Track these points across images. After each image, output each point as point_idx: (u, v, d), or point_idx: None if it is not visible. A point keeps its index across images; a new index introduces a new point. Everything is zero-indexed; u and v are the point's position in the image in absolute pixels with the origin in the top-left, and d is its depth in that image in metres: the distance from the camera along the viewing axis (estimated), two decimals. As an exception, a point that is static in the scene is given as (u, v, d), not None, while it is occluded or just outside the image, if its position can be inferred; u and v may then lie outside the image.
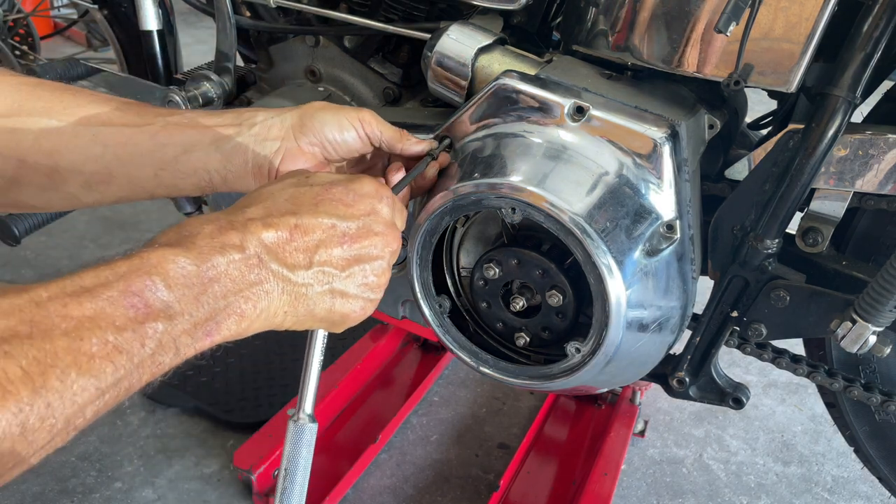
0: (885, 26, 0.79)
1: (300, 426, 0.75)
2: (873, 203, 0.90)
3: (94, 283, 0.47)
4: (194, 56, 1.86)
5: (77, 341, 0.43)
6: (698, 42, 0.85)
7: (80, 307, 0.45)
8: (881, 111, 0.96)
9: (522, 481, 1.51)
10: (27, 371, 0.40)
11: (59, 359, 0.42)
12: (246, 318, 0.55)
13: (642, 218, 0.85)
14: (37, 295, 0.44)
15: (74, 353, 0.43)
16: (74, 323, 0.44)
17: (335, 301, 0.62)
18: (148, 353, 0.47)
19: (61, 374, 0.42)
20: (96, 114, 0.78)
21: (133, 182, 0.78)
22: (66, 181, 0.77)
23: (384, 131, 0.81)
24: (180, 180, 0.78)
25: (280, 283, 0.57)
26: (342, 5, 1.13)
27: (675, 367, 1.04)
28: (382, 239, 0.66)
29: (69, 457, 1.56)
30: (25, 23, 2.67)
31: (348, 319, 0.65)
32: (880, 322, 0.84)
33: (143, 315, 0.47)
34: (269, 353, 1.89)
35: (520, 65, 0.94)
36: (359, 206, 0.65)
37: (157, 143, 0.77)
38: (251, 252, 0.55)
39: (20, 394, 0.40)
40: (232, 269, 0.54)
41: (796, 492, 1.61)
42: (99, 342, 0.44)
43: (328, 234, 0.61)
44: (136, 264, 0.49)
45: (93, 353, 0.44)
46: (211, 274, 0.52)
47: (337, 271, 0.62)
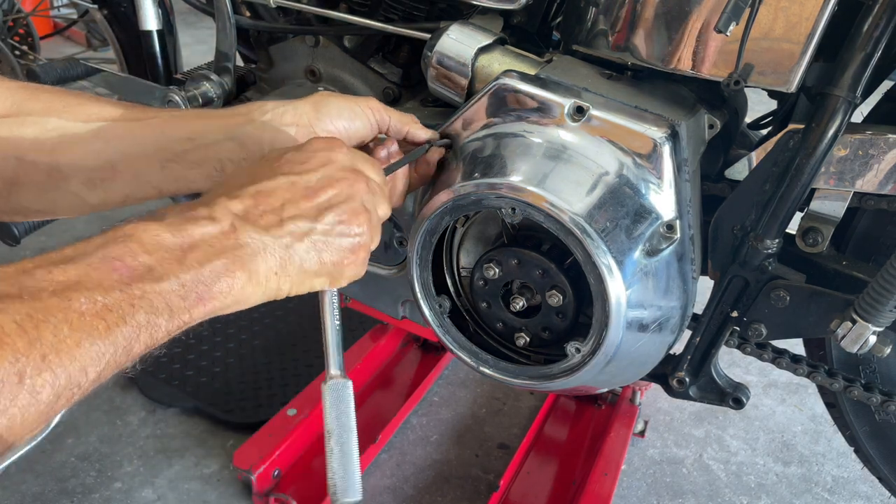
0: (885, 26, 0.79)
1: (335, 383, 0.75)
2: (873, 203, 0.90)
3: (75, 253, 0.49)
4: (194, 56, 1.86)
5: (66, 301, 0.45)
6: (698, 42, 0.85)
7: (64, 273, 0.47)
8: (881, 111, 0.96)
9: (522, 481, 1.51)
10: (21, 325, 0.43)
11: (51, 314, 0.44)
12: (236, 282, 0.56)
13: (642, 218, 0.85)
14: (22, 265, 0.47)
15: (65, 310, 0.45)
16: (61, 286, 0.46)
17: (321, 252, 0.63)
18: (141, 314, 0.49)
19: (54, 329, 0.44)
20: (97, 111, 0.77)
21: (139, 176, 0.77)
22: (68, 179, 0.76)
23: (392, 116, 0.83)
24: (189, 171, 0.77)
25: (260, 245, 0.59)
26: (342, 5, 1.13)
27: (675, 367, 1.04)
28: (346, 182, 0.66)
29: (69, 457, 1.56)
30: (25, 23, 2.67)
31: (343, 268, 0.66)
32: (880, 322, 0.84)
33: (128, 277, 0.49)
34: (269, 353, 1.89)
35: (520, 65, 0.94)
36: (314, 160, 0.66)
37: (163, 135, 0.76)
38: (224, 222, 0.57)
39: (16, 344, 0.42)
40: (207, 237, 0.56)
41: (796, 492, 1.61)
42: (87, 301, 0.46)
43: (291, 192, 0.63)
44: (111, 235, 0.52)
45: (83, 311, 0.46)
46: (187, 241, 0.54)
47: (311, 223, 0.62)
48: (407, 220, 1.07)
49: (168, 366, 1.81)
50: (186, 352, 1.87)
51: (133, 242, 0.52)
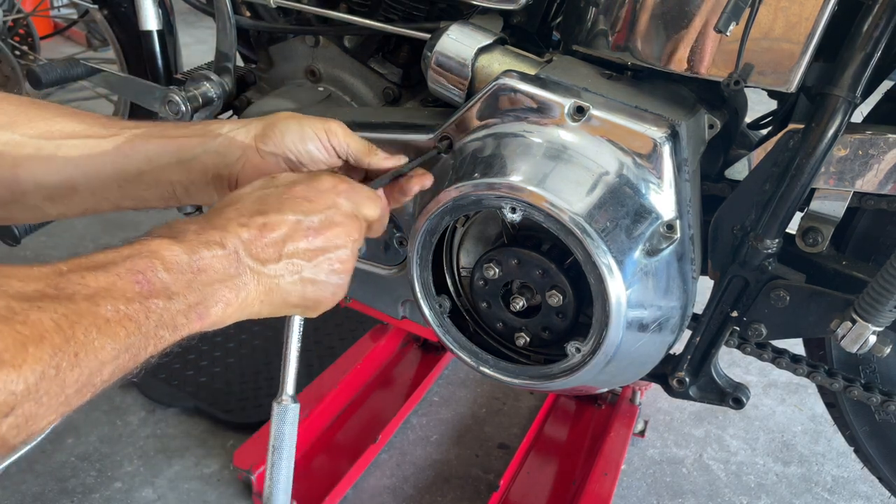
0: (885, 26, 0.79)
1: (284, 407, 0.82)
2: (873, 203, 0.90)
3: (105, 262, 0.54)
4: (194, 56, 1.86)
5: (95, 306, 0.50)
6: (698, 42, 0.85)
7: (95, 279, 0.52)
8: (881, 111, 0.96)
9: (522, 481, 1.51)
10: (58, 323, 0.47)
11: (83, 317, 0.49)
12: (230, 305, 0.61)
13: (642, 218, 0.85)
14: (58, 268, 0.52)
15: (94, 315, 0.50)
16: (92, 291, 0.51)
17: (306, 288, 0.68)
18: (152, 326, 0.54)
19: (85, 330, 0.48)
20: (60, 127, 0.79)
21: (97, 194, 0.80)
22: (28, 194, 0.78)
23: (351, 144, 0.81)
24: (144, 192, 0.80)
25: (255, 275, 0.64)
26: (342, 5, 1.13)
27: (675, 367, 1.04)
28: (343, 229, 0.70)
29: (69, 457, 1.56)
30: (25, 23, 2.67)
31: (321, 304, 0.71)
32: (880, 322, 0.84)
33: (147, 291, 0.54)
34: (269, 353, 1.89)
35: (520, 65, 0.94)
36: (319, 202, 0.70)
37: (121, 155, 0.78)
38: (230, 249, 0.62)
39: (55, 340, 0.46)
40: (215, 262, 0.61)
41: (796, 492, 1.61)
42: (112, 309, 0.51)
43: (293, 229, 0.67)
44: (137, 249, 0.57)
45: (108, 317, 0.51)
46: (199, 264, 0.59)
47: (304, 262, 0.67)
48: (407, 220, 1.07)
49: (168, 366, 1.81)
50: (186, 352, 1.87)
51: (156, 259, 0.56)
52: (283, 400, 0.83)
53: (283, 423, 0.83)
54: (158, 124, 0.83)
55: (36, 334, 0.45)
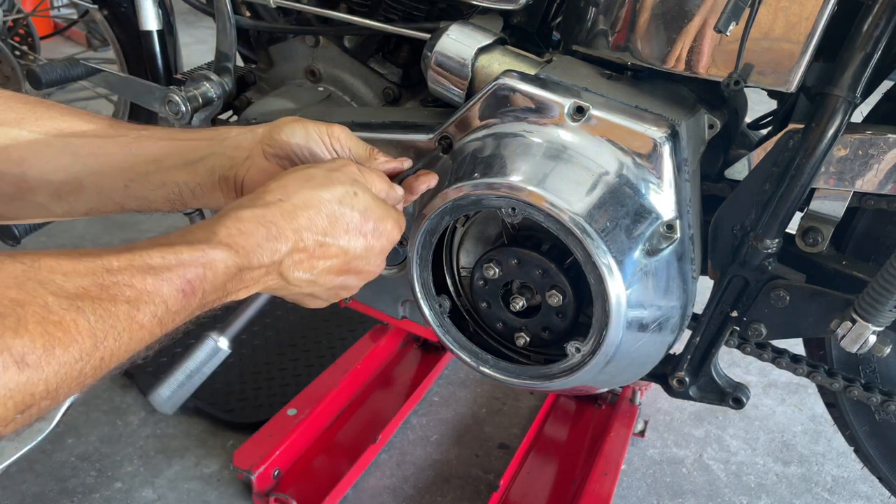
0: (885, 26, 0.79)
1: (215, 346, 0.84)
2: (873, 203, 0.90)
3: (158, 264, 0.54)
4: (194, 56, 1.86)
5: (134, 310, 0.51)
6: (698, 42, 0.85)
7: (143, 281, 0.52)
8: (881, 111, 0.96)
9: (522, 481, 1.51)
10: (93, 327, 0.47)
11: (119, 322, 0.49)
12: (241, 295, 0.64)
13: (642, 218, 0.85)
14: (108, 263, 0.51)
15: (131, 320, 0.50)
16: (136, 293, 0.51)
17: (306, 298, 0.73)
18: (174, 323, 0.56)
19: (117, 336, 0.49)
20: (68, 125, 0.79)
21: (103, 193, 0.80)
22: (35, 191, 0.79)
23: (353, 149, 0.82)
24: (150, 192, 0.80)
25: (279, 278, 0.66)
26: (342, 5, 1.13)
27: (675, 367, 1.04)
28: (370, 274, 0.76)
29: (69, 457, 1.56)
30: (25, 23, 2.67)
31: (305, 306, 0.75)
32: (880, 322, 0.84)
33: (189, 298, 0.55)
34: (269, 353, 1.89)
35: (520, 65, 0.94)
36: (375, 243, 0.73)
37: (129, 155, 0.79)
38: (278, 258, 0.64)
39: (84, 344, 0.47)
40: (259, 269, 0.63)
41: (796, 492, 1.61)
42: (150, 315, 0.52)
43: (337, 261, 0.70)
44: (196, 256, 0.57)
45: (143, 322, 0.51)
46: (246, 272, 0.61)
47: (324, 285, 0.71)
48: (407, 220, 1.06)
49: (168, 366, 1.81)
50: (186, 352, 1.86)
51: (209, 271, 0.57)
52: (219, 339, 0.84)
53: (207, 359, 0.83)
54: (165, 128, 0.83)
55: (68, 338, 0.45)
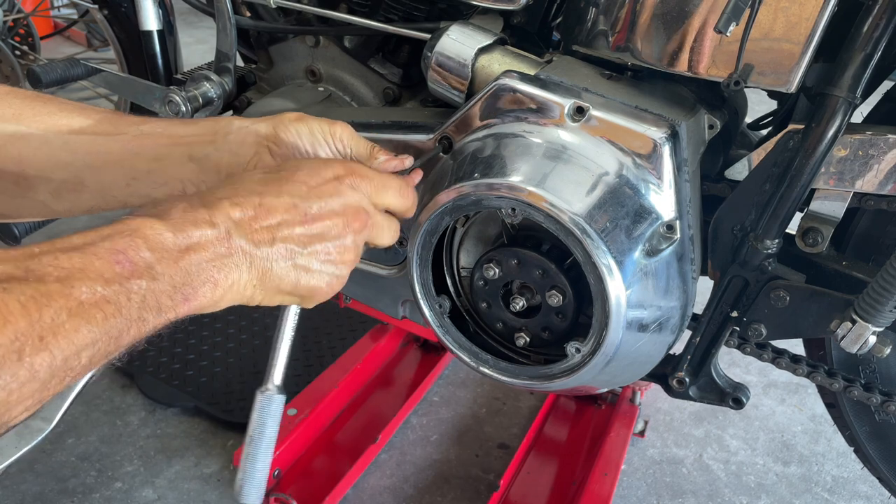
0: (885, 26, 0.79)
1: (268, 396, 0.79)
2: (873, 203, 0.90)
3: (82, 242, 0.52)
4: (194, 56, 1.86)
5: (68, 287, 0.48)
6: (698, 42, 0.85)
7: (69, 260, 0.49)
8: (881, 111, 0.96)
9: (522, 481, 1.51)
10: (24, 305, 0.45)
11: (53, 300, 0.46)
12: (219, 286, 0.59)
13: (642, 218, 0.85)
14: (30, 250, 0.49)
15: (66, 297, 0.47)
16: (66, 272, 0.48)
17: (300, 276, 0.66)
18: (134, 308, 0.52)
19: (54, 314, 0.46)
20: (67, 122, 0.78)
21: (105, 191, 0.79)
22: (35, 188, 0.77)
23: (355, 147, 0.81)
24: (153, 190, 0.78)
25: (246, 257, 0.61)
26: (342, 5, 1.13)
27: (675, 367, 1.04)
28: (343, 219, 0.68)
29: (69, 457, 1.56)
30: (25, 23, 2.67)
31: (316, 294, 0.69)
32: (880, 322, 0.84)
33: (129, 272, 0.52)
34: (269, 353, 1.89)
35: (520, 65, 0.94)
36: (322, 188, 0.68)
37: (130, 153, 0.77)
38: (221, 228, 0.60)
39: (18, 324, 0.44)
40: (204, 240, 0.58)
41: (796, 492, 1.61)
42: (88, 290, 0.49)
43: (290, 214, 0.65)
44: (118, 228, 0.54)
45: (82, 299, 0.48)
46: (186, 243, 0.57)
47: (299, 248, 0.65)
48: (407, 220, 1.06)
49: (168, 366, 1.81)
50: (186, 352, 1.87)
51: (138, 238, 0.54)
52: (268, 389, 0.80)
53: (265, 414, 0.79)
54: (163, 121, 0.82)
55: None
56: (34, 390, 0.45)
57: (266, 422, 0.79)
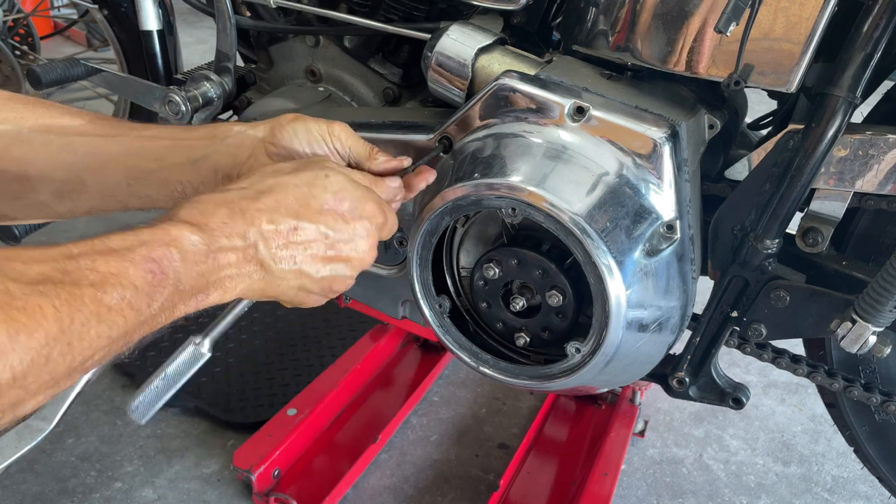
0: (885, 26, 0.79)
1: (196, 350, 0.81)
2: (873, 203, 0.90)
3: (120, 246, 0.53)
4: (194, 56, 1.86)
5: (101, 293, 0.49)
6: (698, 42, 0.85)
7: (106, 264, 0.51)
8: (881, 111, 0.96)
9: (522, 481, 1.51)
10: (58, 310, 0.46)
11: (85, 305, 0.48)
12: (228, 293, 0.62)
13: (642, 218, 0.85)
14: (68, 250, 0.50)
15: (97, 303, 0.49)
16: (100, 277, 0.50)
17: (299, 294, 0.70)
18: (152, 314, 0.54)
19: (84, 320, 0.48)
20: (69, 125, 0.79)
21: (106, 192, 0.80)
22: (37, 189, 0.78)
23: (353, 148, 0.81)
24: (153, 191, 0.80)
25: (262, 271, 0.64)
26: (342, 5, 1.13)
27: (675, 367, 1.04)
28: (358, 262, 0.72)
29: (69, 457, 1.56)
30: (25, 23, 2.67)
31: (303, 305, 0.72)
32: (880, 322, 0.84)
33: (158, 280, 0.54)
34: (269, 353, 1.89)
35: (520, 65, 0.94)
36: (356, 225, 0.70)
37: (131, 154, 0.78)
38: (250, 241, 0.62)
39: (50, 329, 0.45)
40: (231, 253, 0.60)
41: (796, 492, 1.61)
42: (118, 297, 0.50)
43: (317, 244, 0.67)
44: (158, 235, 0.56)
45: (111, 305, 0.50)
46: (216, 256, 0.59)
47: (311, 274, 0.68)
48: (407, 220, 1.07)
49: (168, 366, 1.81)
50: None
51: (174, 248, 0.56)
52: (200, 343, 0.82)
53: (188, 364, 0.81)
54: (166, 126, 0.83)
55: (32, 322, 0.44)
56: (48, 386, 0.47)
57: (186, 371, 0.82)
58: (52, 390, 0.48)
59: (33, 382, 0.45)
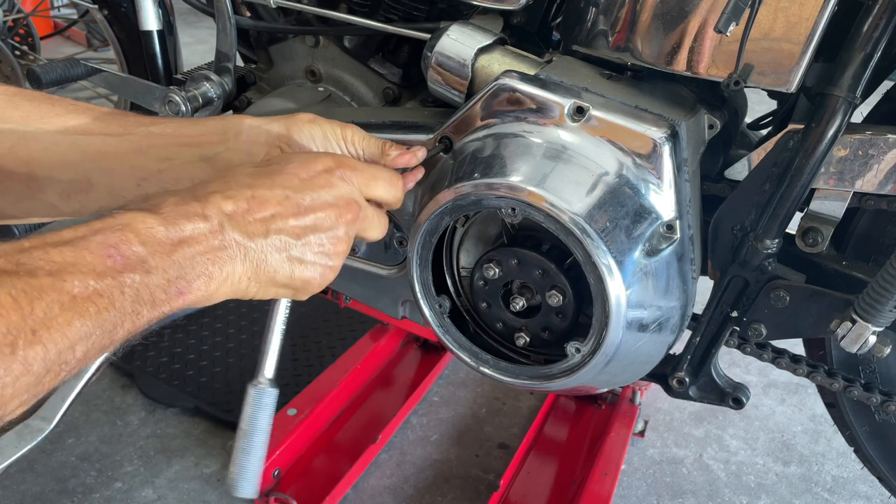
0: (885, 26, 0.79)
1: (260, 390, 0.78)
2: (873, 203, 0.90)
3: (72, 236, 0.51)
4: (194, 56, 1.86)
5: (60, 281, 0.47)
6: (698, 42, 0.85)
7: (60, 254, 0.49)
8: (881, 111, 0.96)
9: (522, 481, 1.51)
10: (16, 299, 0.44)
11: (45, 293, 0.46)
12: (214, 279, 0.59)
13: (642, 218, 0.85)
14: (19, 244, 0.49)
15: (58, 291, 0.47)
16: (57, 266, 0.48)
17: (294, 267, 0.66)
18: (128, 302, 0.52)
19: (46, 307, 0.46)
20: (75, 123, 0.78)
21: (114, 191, 0.78)
22: (44, 189, 0.77)
23: (366, 148, 0.81)
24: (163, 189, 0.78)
25: (241, 250, 0.62)
26: (342, 5, 1.13)
27: (675, 367, 1.04)
28: (335, 210, 0.69)
29: (69, 457, 1.56)
30: (25, 23, 2.67)
31: (310, 286, 0.69)
32: (880, 322, 0.84)
33: (121, 265, 0.52)
34: (266, 351, 1.89)
35: (520, 65, 0.94)
36: (314, 180, 0.68)
37: (140, 153, 0.77)
38: (214, 221, 0.60)
39: (10, 317, 0.44)
40: (197, 233, 0.58)
41: (796, 492, 1.61)
42: (80, 284, 0.48)
43: (283, 206, 0.65)
44: (109, 222, 0.54)
45: (75, 293, 0.48)
46: (178, 236, 0.57)
47: (293, 240, 0.65)
48: (407, 220, 1.07)
49: (168, 366, 1.81)
50: (186, 352, 1.87)
51: (129, 232, 0.54)
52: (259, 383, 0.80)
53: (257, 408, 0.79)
54: (173, 121, 0.82)
55: None
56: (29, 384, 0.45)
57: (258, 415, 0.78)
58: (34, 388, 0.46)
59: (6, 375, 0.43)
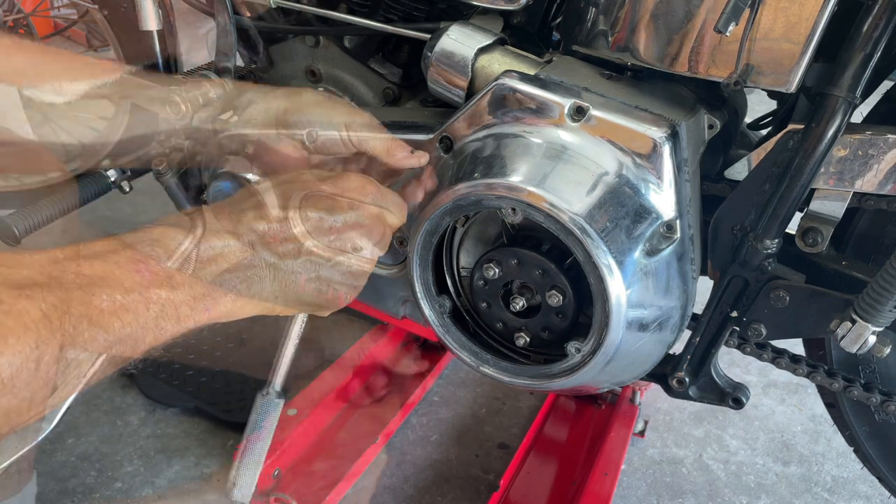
0: (885, 26, 0.79)
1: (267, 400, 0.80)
2: (873, 203, 0.90)
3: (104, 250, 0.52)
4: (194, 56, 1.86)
5: (89, 296, 0.48)
6: (698, 42, 0.85)
7: (91, 268, 0.50)
8: (881, 111, 0.96)
9: (522, 481, 1.51)
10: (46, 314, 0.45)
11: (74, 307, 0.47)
12: (241, 298, 0.60)
13: (642, 218, 0.85)
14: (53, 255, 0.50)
15: (87, 305, 0.48)
16: (87, 280, 0.49)
17: (321, 287, 0.67)
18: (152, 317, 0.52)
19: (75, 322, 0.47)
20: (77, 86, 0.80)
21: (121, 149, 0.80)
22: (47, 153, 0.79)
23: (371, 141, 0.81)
24: None
25: (270, 270, 0.62)
26: (342, 5, 1.13)
27: (675, 367, 1.04)
28: (366, 231, 0.70)
29: (69, 457, 1.56)
30: (25, 23, 2.67)
31: (334, 304, 0.70)
32: (880, 322, 0.84)
33: (149, 281, 0.52)
34: (269, 353, 1.89)
35: (520, 65, 0.94)
36: (344, 202, 0.69)
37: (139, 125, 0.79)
38: (245, 240, 0.61)
39: (39, 332, 0.44)
40: (227, 251, 0.59)
41: (796, 492, 1.61)
42: (108, 299, 0.49)
43: (315, 227, 0.65)
44: (140, 237, 0.55)
45: (102, 307, 0.49)
46: (208, 254, 0.58)
47: (323, 261, 0.66)
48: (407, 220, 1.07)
49: (168, 366, 1.81)
50: (186, 352, 1.87)
51: (159, 248, 0.55)
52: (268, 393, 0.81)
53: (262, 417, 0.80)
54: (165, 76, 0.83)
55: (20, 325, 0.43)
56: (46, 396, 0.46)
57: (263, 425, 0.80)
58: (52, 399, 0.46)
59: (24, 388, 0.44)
